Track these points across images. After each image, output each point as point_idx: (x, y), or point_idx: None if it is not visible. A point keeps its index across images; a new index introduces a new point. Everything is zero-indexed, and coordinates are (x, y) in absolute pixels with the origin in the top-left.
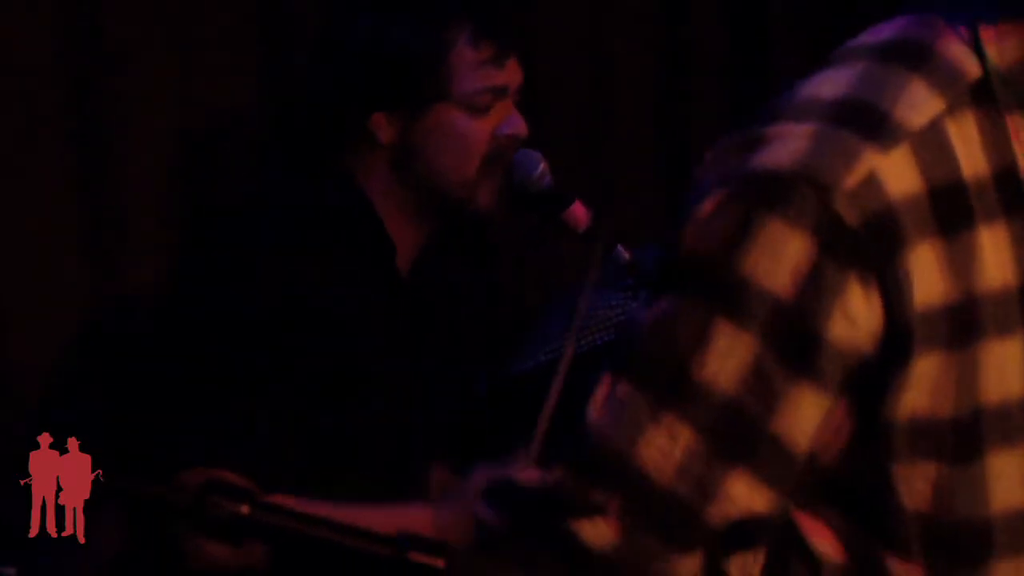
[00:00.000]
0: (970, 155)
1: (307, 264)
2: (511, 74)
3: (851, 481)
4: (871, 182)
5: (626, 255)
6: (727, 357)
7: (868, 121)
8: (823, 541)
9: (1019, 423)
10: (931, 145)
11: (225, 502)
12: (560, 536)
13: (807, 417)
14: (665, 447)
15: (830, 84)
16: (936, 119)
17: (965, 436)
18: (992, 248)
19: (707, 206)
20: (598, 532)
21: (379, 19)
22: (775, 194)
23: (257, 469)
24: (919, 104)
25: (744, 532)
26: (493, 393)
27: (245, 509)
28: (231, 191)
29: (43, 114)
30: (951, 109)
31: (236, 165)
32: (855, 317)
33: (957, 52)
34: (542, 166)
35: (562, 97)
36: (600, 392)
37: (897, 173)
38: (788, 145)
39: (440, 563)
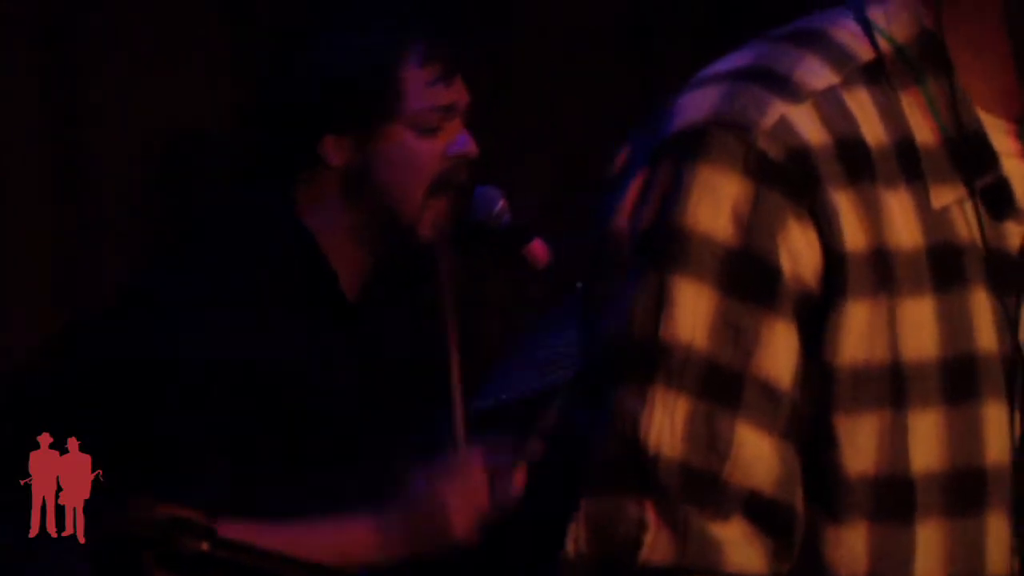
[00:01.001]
0: (868, 123)
1: (245, 310)
2: (458, 93)
3: (805, 444)
4: (785, 124)
5: None
6: (694, 313)
7: (772, 80)
8: None
9: (934, 385)
10: (832, 105)
11: (187, 539)
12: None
13: (785, 352)
14: (666, 422)
15: (727, 62)
16: (833, 87)
17: (896, 385)
18: (899, 210)
19: (634, 187)
20: (656, 545)
21: (328, 41)
22: (697, 144)
23: (213, 504)
24: (816, 71)
25: (772, 506)
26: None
27: (205, 546)
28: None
29: (18, 125)
30: (845, 83)
31: (199, 182)
32: (797, 253)
33: (848, 38)
34: (501, 203)
35: (534, 128)
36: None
37: (805, 123)
38: (698, 104)
39: None
